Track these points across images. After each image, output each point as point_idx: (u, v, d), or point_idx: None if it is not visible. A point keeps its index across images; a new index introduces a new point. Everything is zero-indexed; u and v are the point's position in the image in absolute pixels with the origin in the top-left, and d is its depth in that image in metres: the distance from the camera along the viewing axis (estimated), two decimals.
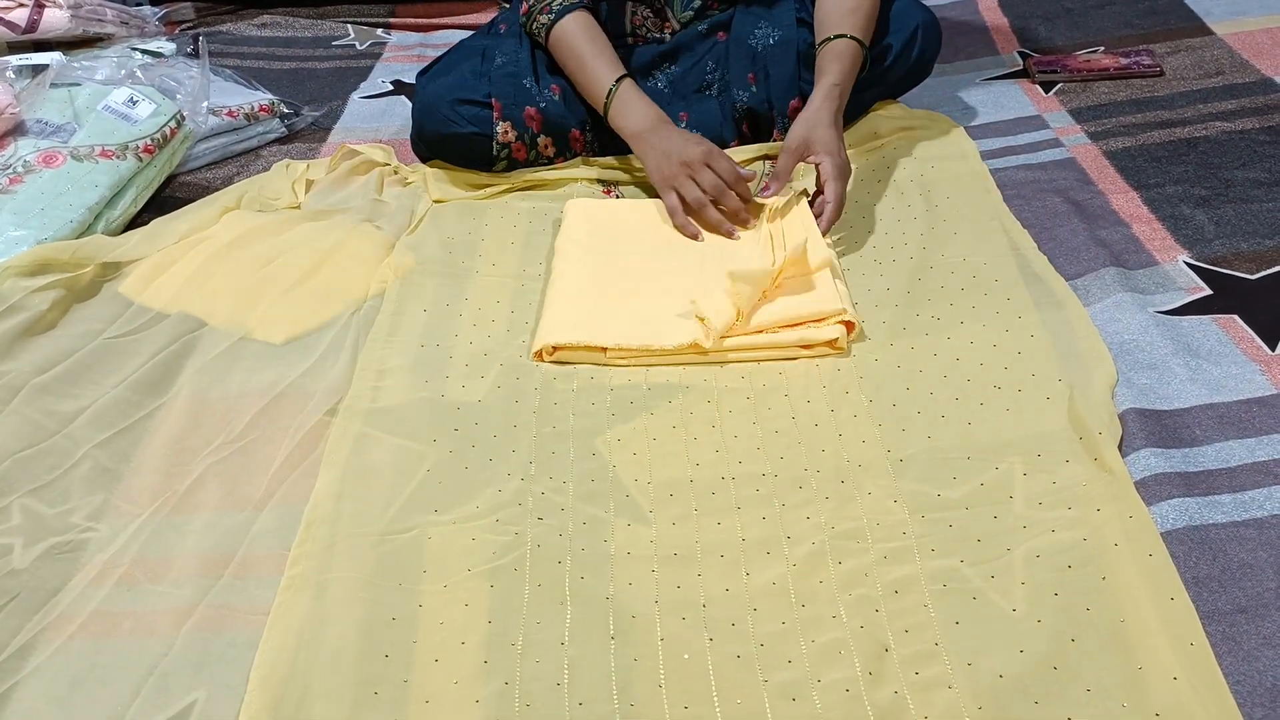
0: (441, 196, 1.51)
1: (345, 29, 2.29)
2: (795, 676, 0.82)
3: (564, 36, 1.48)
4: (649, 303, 1.23)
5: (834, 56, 1.41)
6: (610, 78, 1.44)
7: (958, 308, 1.20)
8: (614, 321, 1.20)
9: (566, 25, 1.48)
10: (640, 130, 1.42)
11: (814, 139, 1.35)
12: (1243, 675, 0.77)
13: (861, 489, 0.98)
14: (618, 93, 1.44)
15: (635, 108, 1.43)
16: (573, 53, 1.47)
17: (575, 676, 0.84)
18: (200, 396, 1.16)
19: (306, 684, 0.84)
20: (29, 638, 0.90)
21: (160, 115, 1.61)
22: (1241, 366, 1.06)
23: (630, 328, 1.19)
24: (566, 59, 1.48)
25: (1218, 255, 1.23)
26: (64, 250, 1.38)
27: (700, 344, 1.15)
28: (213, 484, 1.04)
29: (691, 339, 1.16)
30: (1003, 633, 0.84)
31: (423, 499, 1.00)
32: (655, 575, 0.92)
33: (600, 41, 1.48)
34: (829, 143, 1.34)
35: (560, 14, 1.48)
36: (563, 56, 1.49)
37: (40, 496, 1.04)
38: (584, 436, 1.07)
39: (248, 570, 0.95)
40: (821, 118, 1.36)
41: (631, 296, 1.25)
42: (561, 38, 1.48)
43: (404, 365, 1.18)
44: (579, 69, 1.47)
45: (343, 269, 1.36)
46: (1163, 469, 0.94)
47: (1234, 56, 1.71)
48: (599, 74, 1.45)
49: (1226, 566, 0.85)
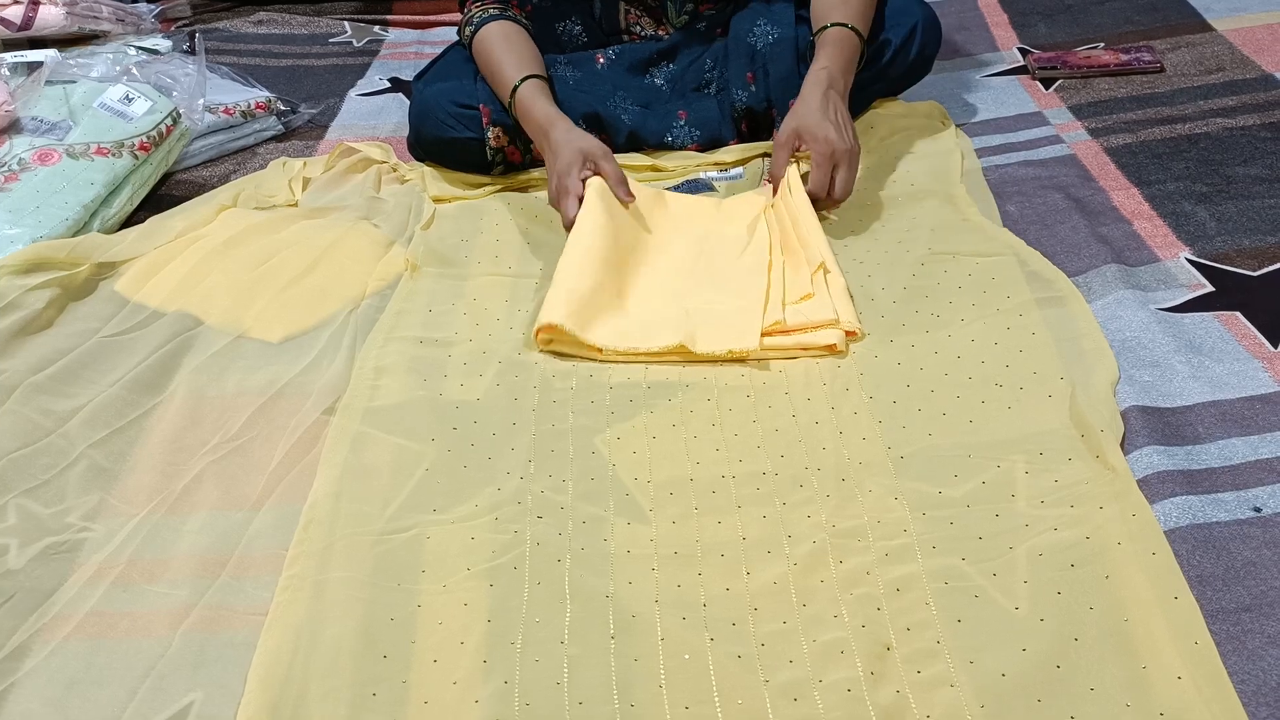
0: (439, 194, 1.51)
1: (342, 26, 2.28)
2: (796, 676, 0.82)
3: (480, 44, 1.50)
4: (642, 300, 1.23)
5: (824, 43, 1.41)
6: (516, 77, 1.45)
7: (957, 305, 1.19)
8: (607, 318, 1.19)
9: (483, 33, 1.50)
10: (544, 126, 1.41)
11: (802, 128, 1.33)
12: (1248, 674, 0.77)
13: (862, 487, 0.98)
14: (521, 89, 1.44)
15: (539, 104, 1.43)
16: (488, 57, 1.49)
17: (575, 676, 0.83)
18: (197, 395, 1.15)
19: (304, 685, 0.83)
20: (24, 639, 0.89)
21: (156, 113, 1.61)
22: (1244, 363, 1.06)
23: (621, 328, 1.18)
24: (483, 63, 1.50)
25: (1219, 252, 1.23)
26: (59, 248, 1.37)
27: (687, 346, 1.14)
28: (210, 483, 1.04)
29: (678, 340, 1.15)
30: (1005, 631, 0.83)
31: (421, 498, 1.00)
32: (655, 574, 0.91)
33: (515, 45, 1.49)
34: (815, 129, 1.32)
35: (481, 24, 1.50)
36: (481, 60, 1.51)
37: (36, 496, 1.03)
38: (583, 434, 1.07)
39: (245, 570, 0.94)
40: (810, 104, 1.34)
41: (628, 286, 1.25)
42: (479, 44, 1.51)
43: (402, 363, 1.17)
44: (490, 71, 1.49)
45: (340, 267, 1.35)
46: (1165, 467, 0.93)
47: (1235, 52, 1.70)
48: (506, 73, 1.46)
49: (1230, 565, 0.84)
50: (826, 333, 1.15)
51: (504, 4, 1.54)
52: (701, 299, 1.23)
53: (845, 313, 1.17)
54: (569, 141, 1.38)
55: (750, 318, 1.17)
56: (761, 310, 1.18)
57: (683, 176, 1.53)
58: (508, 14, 1.53)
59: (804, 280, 1.22)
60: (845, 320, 1.16)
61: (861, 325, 1.17)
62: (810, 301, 1.19)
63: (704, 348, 1.14)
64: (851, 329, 1.16)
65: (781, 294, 1.21)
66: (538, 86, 1.45)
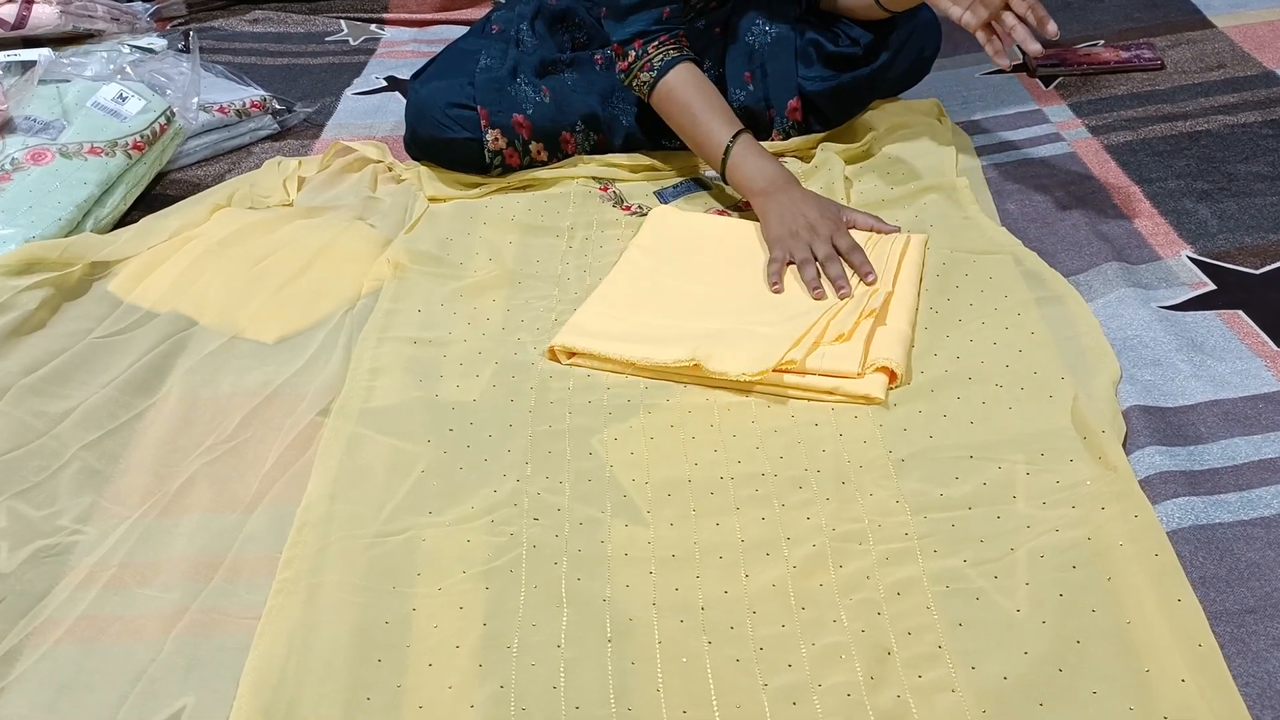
0: (436, 194, 1.50)
1: (338, 24, 2.27)
2: (795, 680, 0.81)
3: (670, 93, 1.40)
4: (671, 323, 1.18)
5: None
6: (726, 134, 1.36)
7: (955, 303, 1.18)
8: (629, 333, 1.15)
9: (671, 81, 1.40)
10: (766, 189, 1.32)
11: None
12: (1252, 677, 0.76)
13: (862, 489, 0.97)
14: (735, 149, 1.35)
15: (757, 164, 1.34)
16: (685, 109, 1.39)
17: (572, 680, 0.82)
18: (191, 396, 1.14)
19: (298, 689, 0.82)
20: (15, 643, 0.88)
21: (150, 112, 1.60)
22: (1247, 362, 1.05)
23: (638, 341, 1.14)
24: (678, 115, 1.40)
25: (1221, 250, 1.22)
26: (53, 248, 1.36)
27: (703, 365, 1.09)
28: (203, 485, 1.03)
29: (692, 356, 1.09)
30: (1006, 634, 0.82)
31: (417, 500, 0.99)
32: (653, 577, 0.90)
33: (710, 94, 1.40)
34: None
35: (664, 69, 1.40)
36: (672, 112, 1.41)
37: (27, 499, 1.02)
38: (580, 436, 1.06)
39: (238, 573, 0.93)
40: None
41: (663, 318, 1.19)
42: (667, 94, 1.40)
43: (398, 365, 1.16)
44: (691, 125, 1.39)
45: (335, 267, 1.34)
46: (1167, 467, 0.93)
47: (1235, 49, 1.70)
48: (712, 130, 1.37)
49: (1234, 566, 0.84)
50: (869, 380, 1.07)
51: (675, 39, 1.42)
52: (745, 320, 1.17)
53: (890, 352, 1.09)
54: (825, 206, 1.30)
55: (774, 346, 1.10)
56: (789, 343, 1.10)
57: (682, 176, 1.52)
58: (687, 55, 1.41)
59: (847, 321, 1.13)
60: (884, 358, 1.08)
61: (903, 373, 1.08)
62: (842, 345, 1.10)
63: (716, 367, 1.08)
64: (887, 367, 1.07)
65: (820, 333, 1.12)
66: (753, 141, 1.37)
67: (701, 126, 1.38)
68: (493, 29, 1.63)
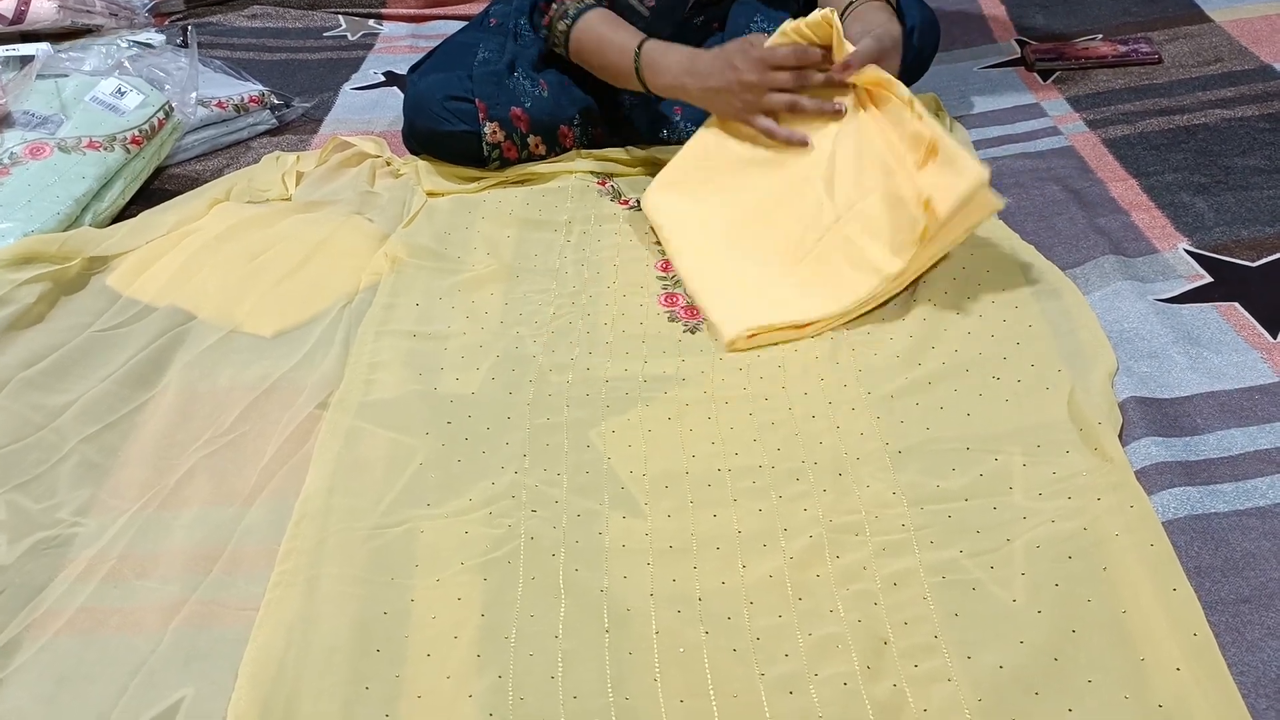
0: (434, 189, 1.50)
1: (336, 20, 2.27)
2: (792, 670, 0.81)
3: (583, 35, 1.44)
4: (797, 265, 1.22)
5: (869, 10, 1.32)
6: (632, 46, 1.39)
7: (952, 297, 1.19)
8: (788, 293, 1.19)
9: (583, 24, 1.44)
10: (678, 79, 1.34)
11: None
12: (1246, 666, 0.76)
13: (859, 481, 0.97)
14: (642, 52, 1.38)
15: (666, 56, 1.36)
16: (596, 43, 1.43)
17: (569, 670, 0.82)
18: (189, 390, 1.15)
19: (297, 680, 0.82)
20: (14, 635, 0.88)
21: (148, 106, 1.60)
22: (1243, 354, 1.05)
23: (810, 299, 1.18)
24: (591, 53, 1.44)
25: (1218, 243, 1.22)
26: (51, 243, 1.36)
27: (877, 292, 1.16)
28: (202, 478, 1.03)
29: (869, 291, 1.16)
30: (1003, 624, 0.83)
31: (415, 493, 0.99)
32: (650, 568, 0.91)
33: (620, 25, 1.43)
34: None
35: (578, 15, 1.44)
36: (586, 52, 1.45)
37: (26, 491, 1.03)
38: (578, 428, 1.06)
39: (237, 566, 0.93)
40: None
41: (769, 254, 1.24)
42: (580, 37, 1.44)
43: (396, 358, 1.16)
44: (602, 55, 1.42)
45: (333, 261, 1.34)
46: (1164, 458, 0.93)
47: (1232, 44, 1.70)
48: (621, 48, 1.40)
49: (1229, 556, 0.84)
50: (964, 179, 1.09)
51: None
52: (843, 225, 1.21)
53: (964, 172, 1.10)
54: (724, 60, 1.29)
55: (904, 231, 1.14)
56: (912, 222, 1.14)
57: None
58: (603, 2, 1.47)
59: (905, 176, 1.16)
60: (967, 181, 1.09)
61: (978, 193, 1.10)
62: (937, 170, 1.12)
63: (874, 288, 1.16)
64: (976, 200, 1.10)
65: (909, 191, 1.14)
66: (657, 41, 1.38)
67: (611, 53, 1.41)
68: (491, 23, 1.63)
